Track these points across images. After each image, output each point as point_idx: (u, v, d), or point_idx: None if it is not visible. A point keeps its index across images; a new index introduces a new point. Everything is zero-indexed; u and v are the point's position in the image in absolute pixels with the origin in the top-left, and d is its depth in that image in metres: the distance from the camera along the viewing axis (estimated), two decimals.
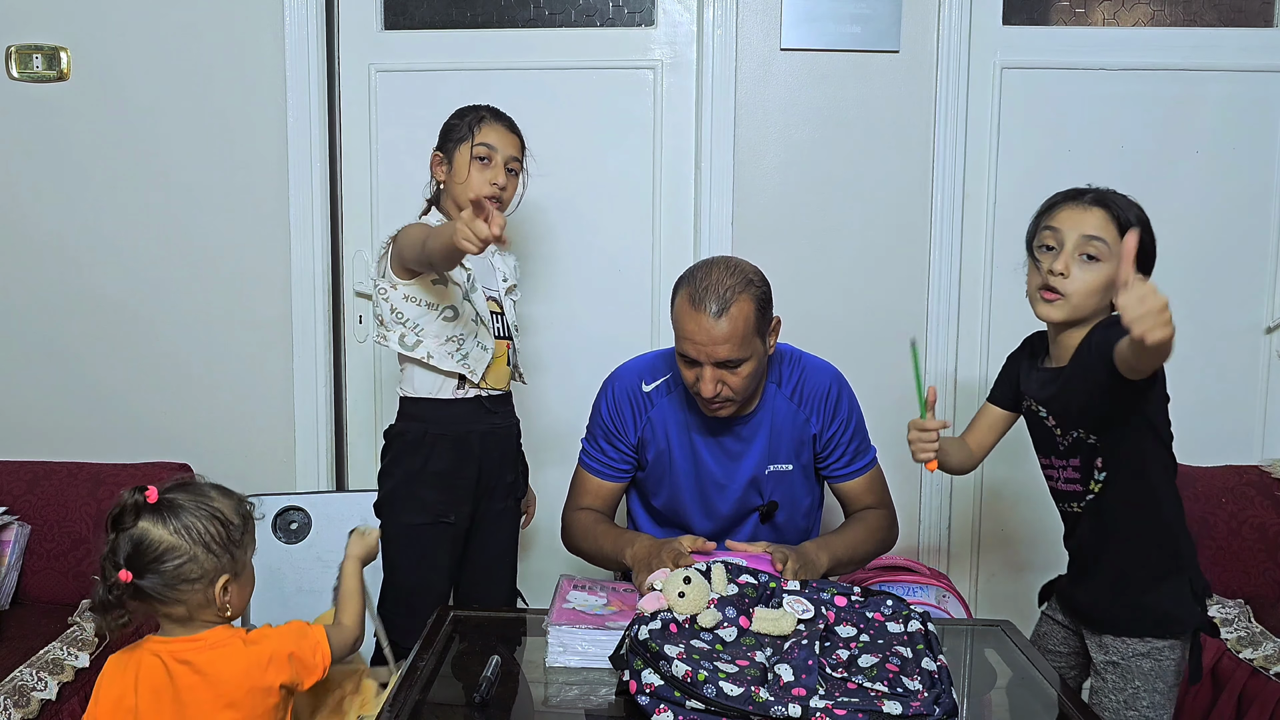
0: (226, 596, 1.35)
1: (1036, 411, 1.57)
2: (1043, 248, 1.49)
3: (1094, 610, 1.59)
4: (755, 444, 1.78)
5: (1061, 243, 1.46)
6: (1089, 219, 1.45)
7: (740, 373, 1.64)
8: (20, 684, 1.82)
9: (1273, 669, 1.93)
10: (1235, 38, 2.40)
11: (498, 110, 1.91)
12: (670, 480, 1.82)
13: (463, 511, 1.90)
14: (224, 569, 1.34)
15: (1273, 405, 2.48)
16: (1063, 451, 1.54)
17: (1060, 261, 1.45)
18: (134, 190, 2.44)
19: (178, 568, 1.30)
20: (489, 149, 1.85)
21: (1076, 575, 1.64)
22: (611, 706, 1.28)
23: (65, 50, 2.40)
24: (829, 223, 2.40)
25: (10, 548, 2.22)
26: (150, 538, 1.30)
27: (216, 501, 1.36)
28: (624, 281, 2.46)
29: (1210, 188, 2.42)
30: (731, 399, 1.67)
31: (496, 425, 1.93)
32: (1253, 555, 2.29)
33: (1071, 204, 1.48)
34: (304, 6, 2.35)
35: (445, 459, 1.86)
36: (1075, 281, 1.44)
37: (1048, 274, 1.45)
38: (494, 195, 1.85)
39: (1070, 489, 1.56)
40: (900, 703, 1.14)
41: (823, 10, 2.34)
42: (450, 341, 1.85)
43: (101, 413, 2.49)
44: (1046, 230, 1.48)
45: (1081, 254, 1.45)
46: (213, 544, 1.32)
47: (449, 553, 1.90)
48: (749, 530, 1.84)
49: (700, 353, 1.61)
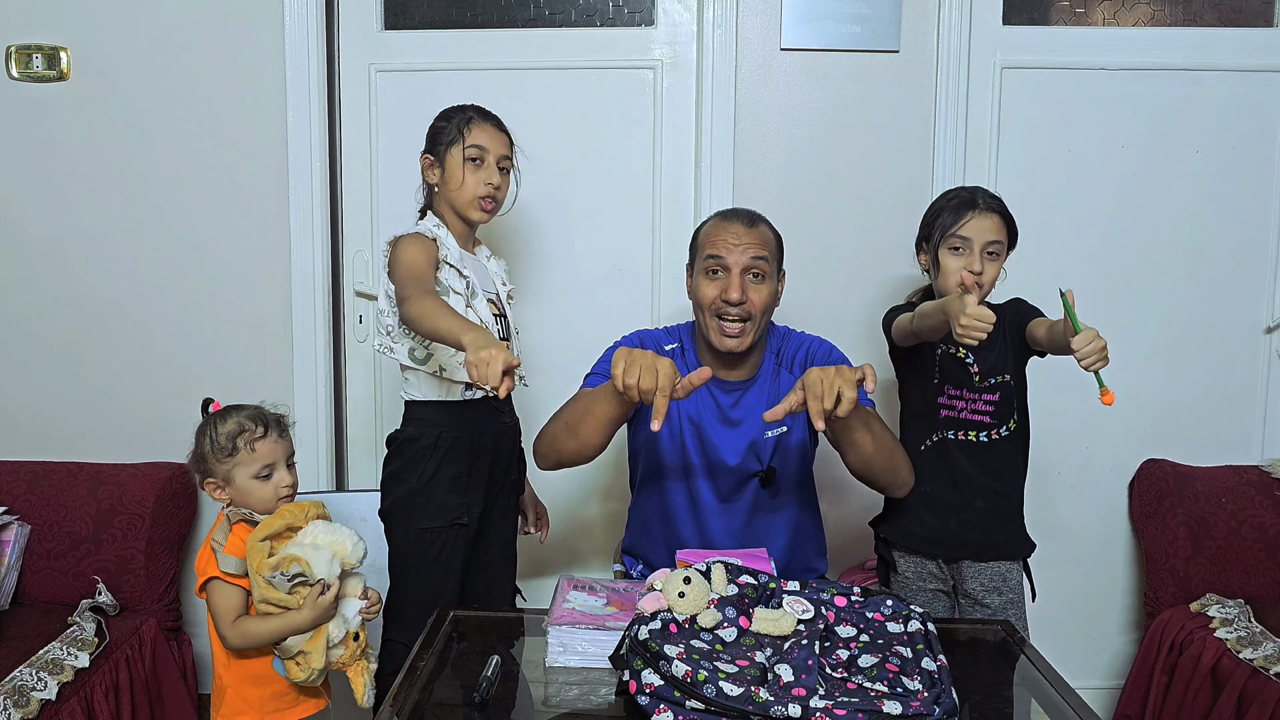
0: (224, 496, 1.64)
1: (957, 355, 1.87)
2: (954, 250, 1.85)
3: (988, 538, 1.89)
4: (755, 411, 1.83)
5: (971, 248, 1.83)
6: (989, 226, 1.83)
7: (762, 290, 1.77)
8: (20, 684, 1.82)
9: (1273, 669, 1.93)
10: (1235, 38, 2.40)
11: (484, 110, 1.91)
12: (678, 444, 1.85)
13: (475, 512, 1.90)
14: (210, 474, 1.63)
15: (1273, 405, 2.48)
16: (978, 387, 1.86)
17: (977, 262, 1.83)
18: (134, 190, 2.44)
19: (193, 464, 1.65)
20: (480, 150, 1.85)
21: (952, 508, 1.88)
22: (611, 706, 1.28)
23: (65, 50, 2.40)
24: (829, 223, 2.40)
25: (10, 548, 2.22)
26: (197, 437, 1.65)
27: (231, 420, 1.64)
28: (624, 281, 2.47)
29: (1210, 188, 2.42)
30: (749, 319, 1.76)
31: (505, 424, 1.95)
32: (1253, 555, 2.29)
33: (975, 214, 1.83)
34: (304, 6, 2.36)
35: (461, 461, 1.85)
36: (986, 275, 1.84)
37: (968, 273, 1.83)
38: (489, 195, 1.85)
39: (978, 419, 1.87)
40: (900, 703, 1.14)
41: (823, 10, 2.34)
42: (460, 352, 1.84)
43: (101, 413, 2.50)
44: (957, 238, 1.84)
45: (986, 254, 1.83)
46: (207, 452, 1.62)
47: (462, 554, 1.89)
48: (750, 496, 1.86)
49: (730, 252, 1.76)
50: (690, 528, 1.88)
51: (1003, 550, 1.91)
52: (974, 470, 1.87)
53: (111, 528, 2.27)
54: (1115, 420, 2.46)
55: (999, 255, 1.84)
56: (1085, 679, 2.43)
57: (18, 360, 2.50)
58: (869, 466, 1.75)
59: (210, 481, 1.63)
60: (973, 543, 1.89)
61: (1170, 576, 2.31)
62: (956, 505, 1.88)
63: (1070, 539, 2.50)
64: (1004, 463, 1.90)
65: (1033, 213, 2.35)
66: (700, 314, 1.82)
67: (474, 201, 1.85)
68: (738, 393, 1.86)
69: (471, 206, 1.86)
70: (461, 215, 1.88)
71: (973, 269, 1.82)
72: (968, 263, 1.82)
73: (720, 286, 1.76)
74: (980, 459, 1.87)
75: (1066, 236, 2.42)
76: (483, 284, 1.91)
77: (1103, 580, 2.54)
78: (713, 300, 1.77)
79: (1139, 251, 2.44)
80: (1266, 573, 2.28)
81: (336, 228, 2.48)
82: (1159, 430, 2.47)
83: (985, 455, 1.87)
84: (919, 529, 1.91)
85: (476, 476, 1.88)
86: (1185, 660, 2.14)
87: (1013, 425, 1.87)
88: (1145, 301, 2.45)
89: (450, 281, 1.84)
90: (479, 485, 1.89)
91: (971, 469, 1.87)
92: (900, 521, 1.94)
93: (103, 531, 2.27)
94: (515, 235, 2.42)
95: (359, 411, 2.55)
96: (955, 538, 1.89)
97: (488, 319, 1.86)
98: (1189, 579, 2.29)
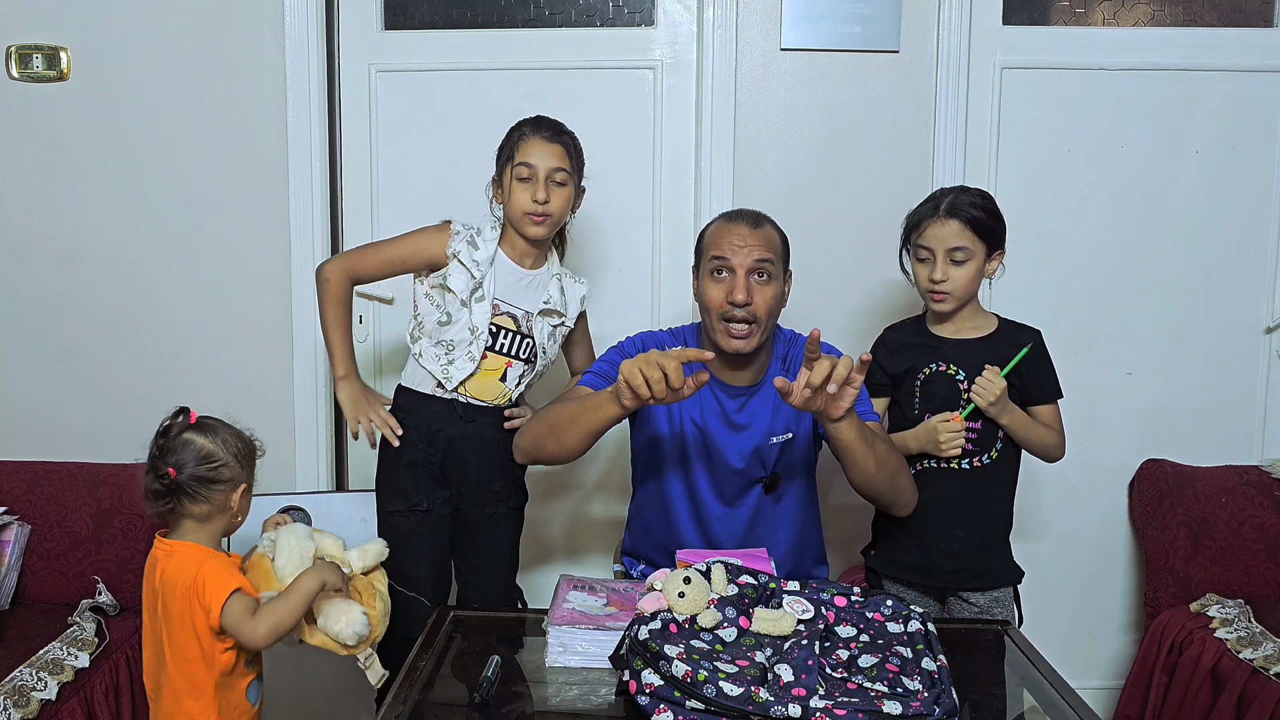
0: (241, 503, 1.64)
1: (950, 374, 1.87)
2: (920, 260, 1.86)
3: (970, 566, 1.88)
4: (759, 416, 1.84)
5: (934, 255, 1.83)
6: (949, 233, 1.81)
7: (767, 291, 1.76)
8: (20, 684, 1.82)
9: (1273, 669, 1.93)
10: (1235, 38, 2.40)
11: (541, 121, 1.92)
12: (680, 447, 1.86)
13: (437, 498, 1.93)
14: (243, 479, 1.64)
15: (1273, 405, 2.48)
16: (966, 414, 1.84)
17: (938, 271, 1.83)
18: (134, 190, 2.44)
19: (214, 470, 1.59)
20: (529, 167, 1.87)
21: (934, 536, 1.87)
22: (611, 706, 1.28)
23: (65, 50, 2.40)
24: (829, 222, 2.40)
25: (10, 548, 2.22)
26: (196, 444, 1.60)
27: (236, 428, 1.68)
28: (624, 282, 2.46)
29: (1210, 188, 2.42)
30: (756, 320, 1.75)
31: (472, 433, 1.94)
32: (1253, 555, 2.29)
33: (931, 222, 1.83)
34: (304, 6, 2.35)
35: (418, 450, 1.93)
36: (952, 281, 1.83)
37: (930, 282, 1.84)
38: (536, 213, 1.86)
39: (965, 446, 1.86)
40: (900, 703, 1.14)
41: (823, 10, 2.34)
42: (440, 345, 1.91)
43: (101, 413, 2.49)
44: (920, 248, 1.85)
45: (951, 260, 1.82)
46: (239, 455, 1.63)
47: (428, 543, 1.94)
48: (753, 500, 1.86)
49: (736, 254, 1.75)
50: (691, 530, 1.88)
51: (986, 579, 1.90)
52: (955, 498, 1.86)
53: (111, 528, 2.27)
54: (1115, 420, 2.46)
55: (966, 260, 1.82)
56: (1085, 679, 2.43)
57: (18, 360, 2.50)
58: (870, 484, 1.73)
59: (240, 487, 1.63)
60: (956, 571, 1.89)
61: (1170, 576, 2.31)
62: (938, 534, 1.88)
63: (1070, 539, 2.50)
64: (987, 490, 1.89)
65: (1032, 213, 2.36)
66: (707, 317, 1.81)
67: (523, 218, 1.88)
68: (743, 397, 1.85)
69: (523, 222, 1.89)
70: (517, 230, 1.92)
71: (933, 278, 1.83)
72: (930, 271, 1.84)
73: (726, 289, 1.76)
74: (963, 487, 1.86)
75: (1066, 237, 2.42)
76: (509, 296, 1.92)
77: (1103, 580, 2.54)
78: (719, 303, 1.77)
79: (1139, 251, 2.43)
80: (1266, 573, 2.28)
81: (336, 228, 2.47)
82: (1159, 430, 2.47)
83: (968, 483, 1.86)
84: (903, 558, 1.92)
85: (432, 466, 1.93)
86: (1185, 660, 2.14)
87: (994, 454, 1.86)
88: (1145, 301, 2.45)
89: (450, 278, 1.88)
90: (434, 475, 1.94)
91: (953, 497, 1.86)
92: (887, 551, 1.94)
93: (103, 531, 2.27)
94: None
95: None
96: (939, 567, 1.89)
97: (481, 325, 1.89)
98: (1189, 579, 2.29)
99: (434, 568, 1.96)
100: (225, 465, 1.60)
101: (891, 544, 1.93)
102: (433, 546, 1.95)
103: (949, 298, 1.84)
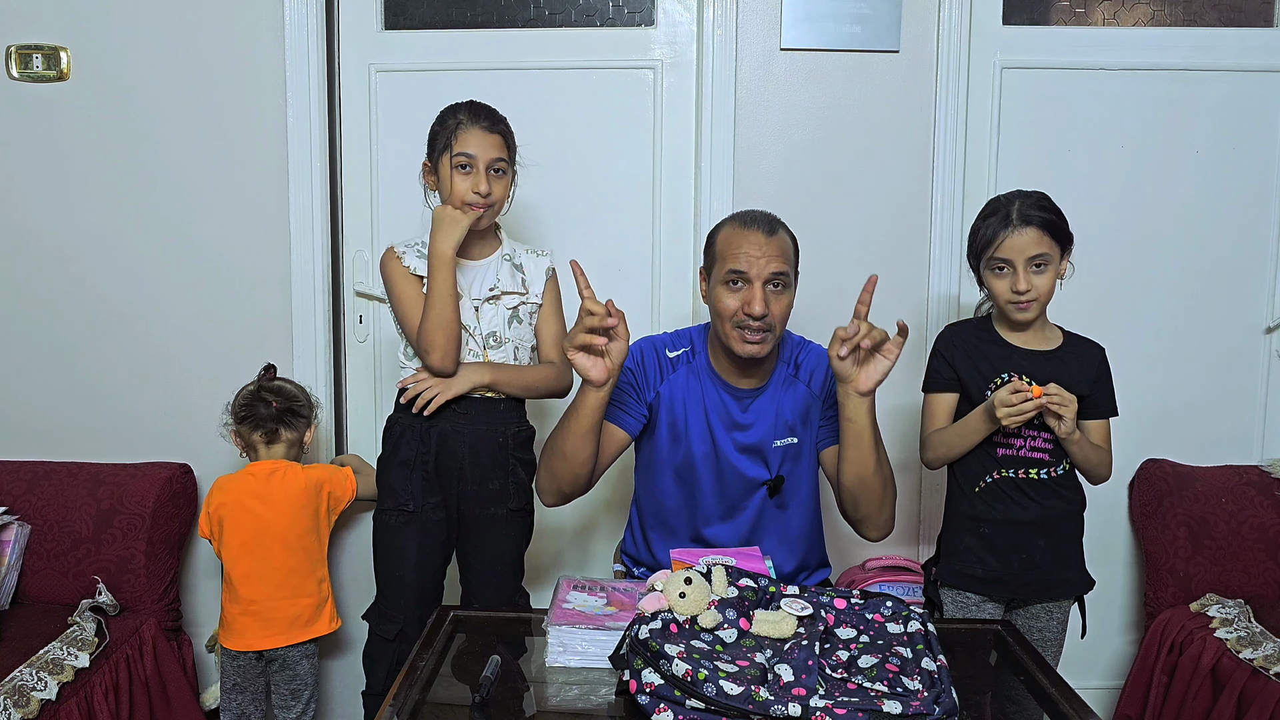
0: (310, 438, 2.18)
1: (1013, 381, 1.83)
2: (997, 271, 1.82)
3: (1050, 576, 1.87)
4: (764, 419, 1.83)
5: (1015, 267, 1.79)
6: (1028, 242, 1.78)
7: (782, 300, 1.76)
8: (20, 684, 1.82)
9: (1273, 669, 1.93)
10: (1235, 38, 2.40)
11: (477, 109, 1.91)
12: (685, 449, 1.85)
13: (428, 502, 1.92)
14: (313, 420, 2.19)
15: (1273, 405, 2.48)
16: (1035, 424, 1.81)
17: (1021, 281, 1.79)
18: (134, 190, 2.44)
19: (300, 407, 2.15)
20: (468, 158, 1.86)
21: (1017, 547, 1.85)
22: (611, 706, 1.28)
23: (65, 50, 2.40)
24: (829, 222, 2.40)
25: (10, 548, 2.22)
26: (287, 388, 2.17)
27: None
28: (624, 282, 2.46)
29: (1210, 188, 2.42)
30: (770, 329, 1.75)
31: (464, 427, 1.93)
32: (1253, 555, 2.29)
33: (1008, 233, 1.78)
34: (304, 6, 2.35)
35: (410, 448, 1.93)
36: (1036, 290, 1.79)
37: (1014, 294, 1.80)
38: (478, 204, 1.87)
39: (1038, 457, 1.84)
40: (900, 702, 1.14)
41: (823, 10, 2.34)
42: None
43: (101, 413, 2.49)
44: (997, 260, 1.80)
45: (1033, 268, 1.79)
46: (310, 401, 2.20)
47: (415, 544, 1.93)
48: (757, 504, 1.86)
49: (753, 265, 1.73)
50: (693, 531, 1.88)
51: (1063, 589, 1.89)
52: (1037, 509, 1.84)
53: (111, 528, 2.27)
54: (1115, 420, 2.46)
55: (1046, 266, 1.79)
56: (1085, 679, 2.42)
57: (18, 360, 2.50)
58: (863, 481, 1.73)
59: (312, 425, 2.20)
60: (1035, 582, 1.87)
61: (1170, 576, 2.31)
62: (1020, 544, 1.85)
63: None
64: (1065, 499, 1.87)
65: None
66: (720, 323, 1.79)
67: (463, 208, 1.88)
68: (748, 399, 1.85)
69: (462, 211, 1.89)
70: None
71: (1017, 289, 1.79)
72: (1012, 283, 1.79)
73: (742, 299, 1.74)
74: (1043, 497, 1.85)
75: None
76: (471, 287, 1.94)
77: (1103, 580, 2.51)
78: (734, 312, 1.75)
79: (1139, 251, 2.43)
80: (1266, 573, 2.29)
81: (336, 228, 2.48)
82: (1159, 430, 2.47)
83: (1047, 493, 1.85)
84: (979, 570, 1.88)
85: (424, 465, 1.92)
86: (1185, 660, 2.14)
87: (1068, 464, 1.86)
88: (1145, 301, 2.45)
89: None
90: (427, 474, 1.92)
91: (1034, 508, 1.84)
92: (957, 563, 1.90)
93: (103, 531, 2.27)
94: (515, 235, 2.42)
95: (359, 412, 2.54)
96: (1018, 578, 1.86)
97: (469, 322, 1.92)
98: (1189, 579, 2.29)
99: (419, 570, 1.94)
100: (305, 405, 2.16)
101: (966, 557, 1.88)
102: (419, 549, 1.93)
103: (1034, 305, 1.81)
